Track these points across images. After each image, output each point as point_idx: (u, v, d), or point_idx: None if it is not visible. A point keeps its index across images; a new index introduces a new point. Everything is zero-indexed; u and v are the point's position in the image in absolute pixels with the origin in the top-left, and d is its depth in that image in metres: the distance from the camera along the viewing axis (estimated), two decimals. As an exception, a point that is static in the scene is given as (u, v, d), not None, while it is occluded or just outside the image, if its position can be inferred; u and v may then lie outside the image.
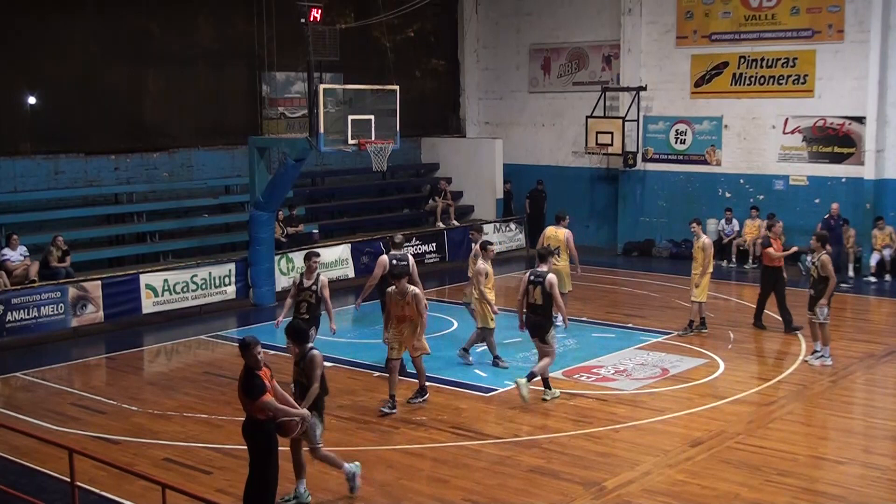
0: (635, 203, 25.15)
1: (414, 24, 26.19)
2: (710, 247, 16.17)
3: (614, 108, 25.00)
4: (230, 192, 22.14)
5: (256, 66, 22.02)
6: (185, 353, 16.44)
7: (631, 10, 24.57)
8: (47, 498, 9.65)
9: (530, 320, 12.97)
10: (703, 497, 9.91)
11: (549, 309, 12.79)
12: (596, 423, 12.11)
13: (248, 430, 8.93)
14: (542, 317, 12.82)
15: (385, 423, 12.26)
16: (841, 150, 22.14)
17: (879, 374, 14.39)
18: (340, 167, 24.67)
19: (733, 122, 23.61)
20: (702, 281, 16.17)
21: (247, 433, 8.94)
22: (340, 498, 9.96)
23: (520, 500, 9.89)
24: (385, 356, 13.23)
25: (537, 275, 12.85)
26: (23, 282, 16.93)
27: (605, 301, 19.67)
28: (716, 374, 14.26)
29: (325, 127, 17.45)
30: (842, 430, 12.09)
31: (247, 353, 8.78)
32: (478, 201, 26.28)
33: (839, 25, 21.86)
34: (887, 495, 10.00)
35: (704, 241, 16.18)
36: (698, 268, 16.23)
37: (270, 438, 8.90)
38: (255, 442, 8.90)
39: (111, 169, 20.47)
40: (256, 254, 19.27)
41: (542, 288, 12.69)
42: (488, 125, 28.05)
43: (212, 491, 9.80)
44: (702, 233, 16.49)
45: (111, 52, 20.51)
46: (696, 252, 16.37)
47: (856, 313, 18.87)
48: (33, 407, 13.10)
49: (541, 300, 12.73)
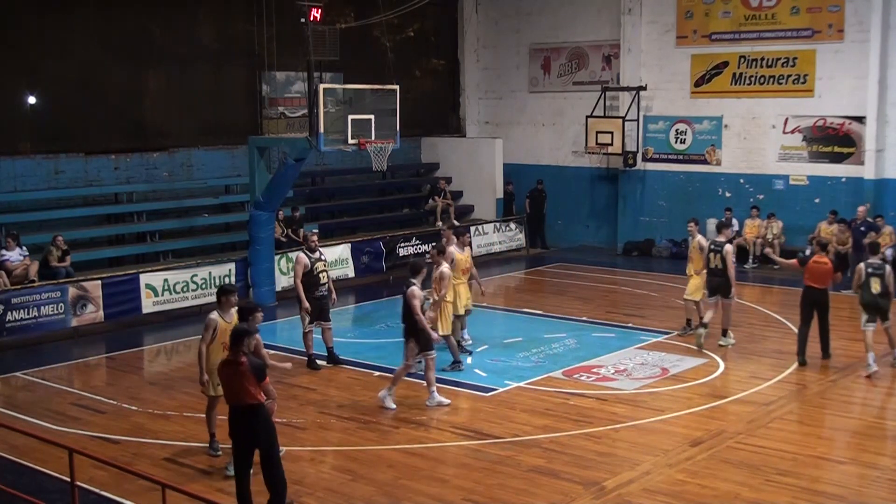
0: (635, 203, 25.15)
1: (414, 23, 26.20)
2: (706, 247, 16.07)
3: (614, 108, 25.00)
4: (230, 191, 22.15)
5: (256, 65, 22.01)
6: (185, 353, 16.42)
7: (631, 9, 24.58)
8: (47, 498, 9.63)
9: (713, 282, 15.42)
10: (703, 497, 9.91)
11: (727, 272, 15.27)
12: (596, 423, 12.11)
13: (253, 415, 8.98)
14: (723, 278, 15.30)
15: (385, 422, 12.27)
16: (841, 149, 22.14)
17: (879, 373, 14.38)
18: (340, 167, 24.67)
19: (733, 122, 23.61)
20: (697, 281, 16.09)
21: (253, 418, 8.98)
22: (340, 497, 9.96)
23: (520, 500, 9.89)
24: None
25: (716, 244, 15.40)
26: (23, 282, 16.93)
27: (605, 301, 19.67)
28: (716, 373, 14.26)
29: (325, 127, 17.45)
30: (842, 430, 12.09)
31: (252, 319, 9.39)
32: (478, 201, 26.29)
33: (839, 25, 21.86)
34: (887, 495, 10.00)
35: (700, 241, 16.11)
36: (694, 268, 16.15)
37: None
38: (265, 422, 9.07)
39: (111, 169, 20.48)
40: (256, 253, 19.27)
41: (721, 255, 15.23)
42: (488, 125, 28.05)
43: (212, 491, 9.79)
44: (697, 233, 16.42)
45: (111, 52, 20.51)
46: (691, 252, 16.32)
47: (856, 313, 18.83)
48: (33, 407, 13.10)
49: (721, 265, 15.28)
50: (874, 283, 14.09)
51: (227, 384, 9.16)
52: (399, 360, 14.07)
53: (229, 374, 9.05)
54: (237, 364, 8.95)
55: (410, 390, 13.43)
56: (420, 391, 13.43)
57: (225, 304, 10.77)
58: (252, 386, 8.93)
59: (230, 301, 10.77)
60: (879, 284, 14.09)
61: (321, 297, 14.47)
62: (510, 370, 14.37)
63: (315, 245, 14.74)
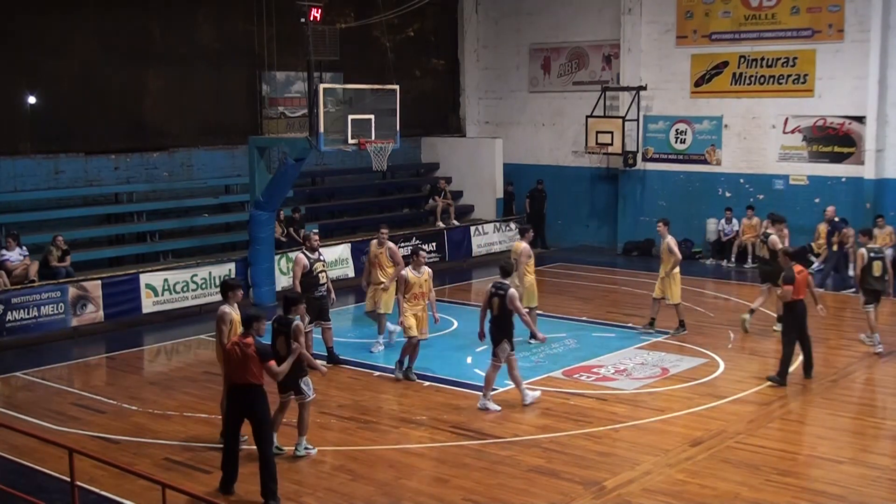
0: (635, 203, 25.15)
1: (414, 23, 26.19)
2: (675, 247, 16.06)
3: (614, 108, 24.99)
4: (230, 191, 22.14)
5: (256, 65, 22.00)
6: (185, 353, 16.44)
7: (631, 9, 24.57)
8: (47, 498, 9.64)
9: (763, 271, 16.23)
10: (703, 497, 9.91)
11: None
12: (596, 423, 12.11)
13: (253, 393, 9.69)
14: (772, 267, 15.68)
15: (385, 422, 12.27)
16: (841, 149, 22.14)
17: (879, 374, 14.40)
18: (340, 167, 24.67)
19: (733, 122, 23.61)
20: (671, 281, 16.13)
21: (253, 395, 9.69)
22: (340, 497, 9.96)
23: (520, 499, 9.89)
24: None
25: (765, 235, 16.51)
26: (23, 281, 16.93)
27: (605, 301, 19.68)
28: (716, 373, 14.26)
29: (325, 126, 17.45)
30: (842, 430, 12.09)
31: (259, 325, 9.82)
32: (478, 201, 26.28)
33: (839, 25, 21.85)
34: (887, 495, 10.00)
35: (669, 243, 16.11)
36: (665, 269, 16.17)
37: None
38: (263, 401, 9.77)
39: (111, 169, 20.47)
40: (256, 253, 19.28)
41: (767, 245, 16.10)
42: (488, 125, 28.05)
43: (212, 491, 9.82)
44: (667, 233, 16.44)
45: (111, 51, 20.50)
46: (662, 252, 16.38)
47: (856, 313, 18.83)
48: (33, 407, 13.10)
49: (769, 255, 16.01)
50: (876, 266, 15.01)
51: (233, 363, 9.75)
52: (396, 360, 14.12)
53: (236, 353, 9.69)
54: (246, 345, 9.63)
55: (410, 389, 13.44)
56: (419, 390, 13.45)
57: (231, 298, 11.11)
58: (256, 367, 9.62)
59: (237, 295, 11.20)
60: (881, 267, 14.98)
61: (320, 297, 14.50)
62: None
63: (316, 245, 14.76)
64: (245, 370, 9.62)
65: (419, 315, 13.92)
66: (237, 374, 9.72)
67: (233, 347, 9.80)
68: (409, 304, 13.84)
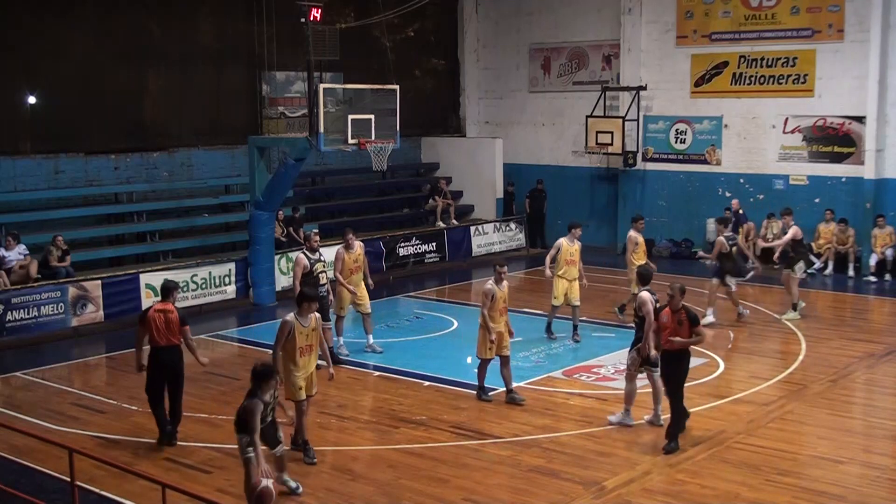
0: (635, 203, 25.13)
1: (414, 23, 26.18)
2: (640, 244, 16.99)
3: (614, 108, 25.00)
4: (230, 191, 22.14)
5: (256, 65, 22.01)
6: (185, 353, 16.37)
7: (631, 9, 24.57)
8: (47, 498, 9.65)
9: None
10: (703, 497, 9.91)
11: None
12: (596, 423, 12.10)
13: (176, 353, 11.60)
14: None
15: (385, 422, 12.27)
16: (841, 149, 22.14)
17: (879, 374, 14.39)
18: (340, 167, 24.67)
19: (733, 122, 23.61)
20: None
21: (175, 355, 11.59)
22: (340, 497, 9.96)
23: (520, 499, 9.89)
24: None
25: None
26: (23, 281, 16.92)
27: (605, 301, 19.65)
28: (716, 373, 14.26)
29: (325, 126, 17.45)
30: (842, 430, 12.07)
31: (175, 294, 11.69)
32: (478, 201, 26.28)
33: (839, 25, 21.85)
34: (887, 495, 10.00)
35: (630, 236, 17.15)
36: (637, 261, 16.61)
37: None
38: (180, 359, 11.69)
39: (111, 169, 20.47)
40: (256, 253, 19.28)
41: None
42: (488, 125, 28.05)
43: (212, 491, 9.81)
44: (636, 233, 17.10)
45: (111, 52, 20.50)
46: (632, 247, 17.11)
47: (856, 313, 18.89)
48: (33, 406, 13.10)
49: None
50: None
51: (159, 328, 11.23)
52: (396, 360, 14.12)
53: (161, 319, 11.26)
54: (168, 312, 11.31)
55: (410, 389, 13.44)
56: (419, 390, 13.45)
57: (306, 310, 10.61)
58: (178, 329, 11.31)
59: (311, 307, 10.66)
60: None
61: (321, 297, 14.48)
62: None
63: (316, 245, 14.78)
64: (171, 333, 11.28)
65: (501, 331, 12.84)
66: (163, 337, 11.27)
67: (154, 314, 11.29)
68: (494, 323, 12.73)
